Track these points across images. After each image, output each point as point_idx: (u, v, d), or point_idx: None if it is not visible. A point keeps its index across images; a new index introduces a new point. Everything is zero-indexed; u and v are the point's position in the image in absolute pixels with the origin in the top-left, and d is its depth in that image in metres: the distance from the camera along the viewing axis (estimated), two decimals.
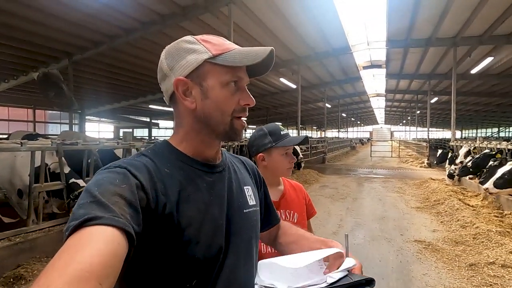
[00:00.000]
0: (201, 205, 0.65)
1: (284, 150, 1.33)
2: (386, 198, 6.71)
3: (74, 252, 0.41)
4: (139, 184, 0.56)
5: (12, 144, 2.98)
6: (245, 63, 0.65)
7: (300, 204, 1.42)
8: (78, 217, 0.46)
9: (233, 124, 0.68)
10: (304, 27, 8.85)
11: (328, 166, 14.12)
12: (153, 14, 7.05)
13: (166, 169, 0.64)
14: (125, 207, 0.51)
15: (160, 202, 0.58)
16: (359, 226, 4.69)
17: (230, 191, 0.73)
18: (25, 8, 6.25)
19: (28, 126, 18.28)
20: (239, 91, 0.69)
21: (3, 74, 11.04)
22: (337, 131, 28.90)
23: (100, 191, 0.51)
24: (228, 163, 0.79)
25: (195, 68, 0.65)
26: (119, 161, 0.62)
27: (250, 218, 0.76)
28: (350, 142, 28.01)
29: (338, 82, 16.81)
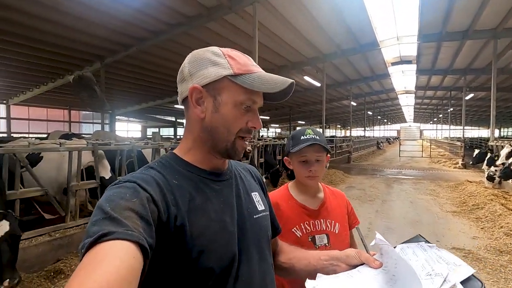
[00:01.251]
0: (212, 214, 0.65)
1: (301, 157, 1.21)
2: (418, 201, 6.37)
3: (91, 270, 0.42)
4: (149, 197, 0.57)
5: (52, 144, 3.15)
6: (263, 90, 0.66)
7: (342, 213, 1.31)
8: (92, 234, 0.46)
9: (235, 143, 0.69)
10: (330, 24, 8.62)
11: (354, 166, 13.73)
12: (179, 16, 7.18)
13: (174, 180, 0.65)
14: (138, 221, 0.51)
15: (171, 214, 0.59)
16: (390, 230, 4.48)
17: (239, 198, 0.74)
18: (63, 15, 6.61)
19: (64, 125, 19.45)
20: (250, 113, 0.70)
21: (43, 78, 11.79)
22: (363, 130, 28.02)
23: (111, 207, 0.51)
24: (234, 170, 0.80)
25: (213, 81, 0.67)
26: (127, 176, 0.63)
27: (260, 223, 0.77)
28: (376, 141, 27.03)
29: (364, 79, 16.25)
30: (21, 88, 13.59)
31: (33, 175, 2.93)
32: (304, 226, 1.21)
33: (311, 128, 1.24)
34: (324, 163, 1.24)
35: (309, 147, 1.17)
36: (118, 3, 6.25)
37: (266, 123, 33.89)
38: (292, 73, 13.54)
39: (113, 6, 6.35)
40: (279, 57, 11.05)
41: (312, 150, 1.18)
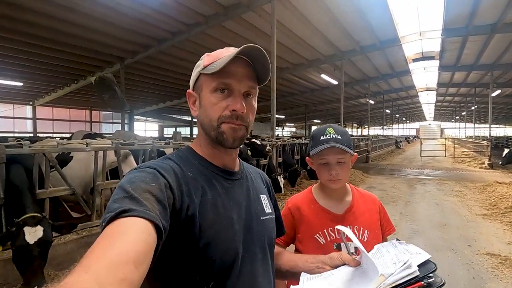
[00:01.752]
0: (221, 210, 0.68)
1: (321, 159, 1.09)
2: (444, 203, 6.10)
3: (112, 239, 0.45)
4: (167, 184, 0.61)
5: (79, 144, 3.22)
6: (218, 67, 0.67)
7: (372, 220, 1.16)
8: (113, 210, 0.50)
9: (220, 128, 0.70)
10: (350, 20, 8.41)
11: (372, 165, 13.39)
12: (197, 16, 7.21)
13: (189, 173, 0.69)
14: (155, 204, 0.54)
15: (184, 203, 0.62)
16: (417, 233, 4.30)
17: (248, 199, 0.77)
18: (86, 17, 6.79)
19: (85, 125, 20.10)
20: (230, 98, 0.70)
21: (66, 79, 12.21)
22: (381, 128, 27.33)
23: (132, 188, 0.55)
24: (246, 172, 0.84)
25: (195, 81, 0.75)
26: (148, 162, 0.67)
27: (267, 225, 0.80)
28: (395, 140, 26.29)
29: (383, 76, 15.81)
30: (46, 90, 14.14)
31: (61, 174, 3.00)
32: (328, 232, 1.10)
33: (333, 126, 1.11)
34: (349, 165, 1.11)
35: (329, 149, 1.06)
36: (138, 4, 6.35)
37: (281, 122, 33.70)
38: (309, 71, 13.38)
39: (133, 7, 6.45)
40: (295, 55, 10.92)
41: (332, 151, 1.06)
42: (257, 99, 0.79)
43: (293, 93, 18.42)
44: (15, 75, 10.96)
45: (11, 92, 13.81)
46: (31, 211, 2.07)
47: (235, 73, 0.69)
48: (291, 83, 15.68)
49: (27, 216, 1.99)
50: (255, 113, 0.77)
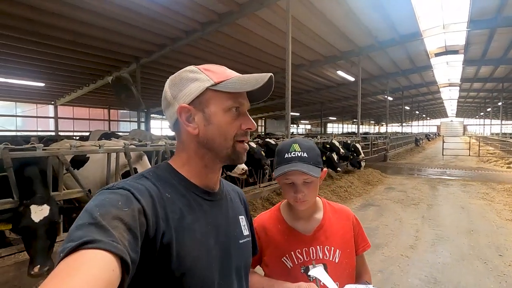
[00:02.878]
0: (198, 235, 0.65)
1: (285, 179, 0.99)
2: (470, 206, 5.76)
3: (67, 276, 0.40)
4: (141, 209, 0.56)
5: (92, 147, 3.22)
6: (245, 89, 0.67)
7: (346, 238, 1.06)
8: (75, 238, 0.45)
9: (235, 147, 0.70)
10: (368, 15, 8.09)
11: (391, 164, 12.95)
12: (211, 14, 7.13)
13: (167, 194, 0.64)
14: (125, 233, 0.50)
15: (159, 230, 0.58)
16: (441, 240, 4.05)
17: (227, 221, 0.75)
18: (103, 18, 6.86)
19: (104, 124, 20.63)
20: (241, 116, 0.71)
21: (85, 79, 12.53)
22: (399, 126, 26.48)
23: (101, 213, 0.50)
24: (225, 191, 0.80)
25: (198, 96, 0.68)
26: (121, 182, 0.62)
27: (244, 249, 0.77)
28: (414, 138, 25.38)
29: (403, 72, 15.23)
30: (66, 90, 14.58)
31: (75, 177, 3.01)
32: (295, 255, 1.01)
33: (298, 141, 1.01)
34: (317, 183, 1.01)
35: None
36: (153, 4, 6.34)
37: (296, 119, 33.34)
38: (325, 67, 13.08)
39: (149, 7, 6.45)
40: (311, 51, 10.66)
41: (297, 172, 0.96)
42: (272, 97, 0.74)
43: (309, 90, 18.11)
44: (37, 76, 11.34)
45: (34, 92, 14.34)
46: (39, 192, 2.06)
47: (244, 94, 0.71)
48: (306, 80, 15.41)
49: (35, 196, 1.98)
50: None
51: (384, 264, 3.34)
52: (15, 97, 15.51)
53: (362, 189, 7.36)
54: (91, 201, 0.55)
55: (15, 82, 11.57)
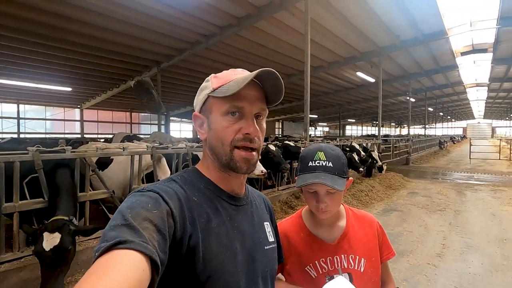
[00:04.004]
0: (225, 239, 0.65)
1: (308, 188, 0.95)
2: (502, 213, 5.43)
3: (101, 274, 0.42)
4: (169, 211, 0.57)
5: (117, 149, 3.32)
6: (232, 91, 0.64)
7: (370, 245, 1.02)
8: (109, 239, 0.47)
9: (233, 155, 0.68)
10: (389, 14, 7.88)
11: (414, 168, 12.49)
12: (230, 18, 7.21)
13: (194, 197, 0.65)
14: (154, 234, 0.51)
15: (186, 232, 0.59)
16: (471, 249, 3.84)
17: (253, 227, 0.74)
18: (126, 25, 7.12)
19: (126, 127, 21.30)
20: (242, 120, 0.68)
21: (109, 84, 13.02)
22: (422, 128, 25.53)
23: (132, 215, 0.52)
24: (251, 197, 0.80)
25: (203, 103, 0.72)
26: (151, 185, 0.64)
27: (270, 255, 0.77)
28: (438, 140, 24.35)
29: (426, 72, 14.69)
30: (91, 94, 15.21)
31: (100, 178, 3.11)
32: (319, 264, 0.97)
33: (324, 149, 0.96)
34: (341, 194, 0.96)
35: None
36: (173, 10, 6.50)
37: (314, 122, 32.96)
38: (344, 69, 12.86)
39: (169, 13, 6.62)
40: (329, 53, 10.52)
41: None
42: (290, 99, 0.70)
43: (327, 92, 17.86)
44: (65, 81, 11.90)
45: (61, 96, 15.04)
46: (59, 214, 2.11)
47: (246, 96, 0.68)
48: (325, 82, 15.21)
49: (51, 220, 2.03)
50: (264, 134, 0.75)
51: (409, 272, 3.20)
52: (45, 101, 16.36)
53: (384, 194, 7.14)
54: (123, 203, 0.57)
55: (45, 87, 12.20)
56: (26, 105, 16.47)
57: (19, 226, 2.61)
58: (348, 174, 0.99)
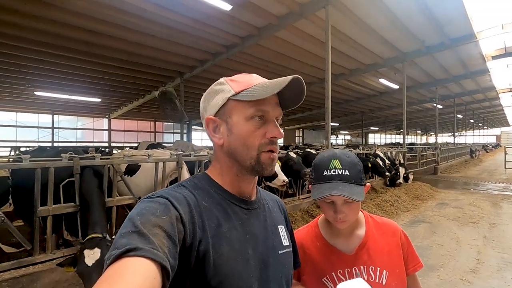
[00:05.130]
0: (236, 244, 0.64)
1: (324, 198, 0.90)
2: None
3: (112, 283, 0.43)
4: (178, 216, 0.57)
5: (142, 156, 3.45)
6: (264, 95, 0.65)
7: (392, 256, 0.95)
8: (120, 246, 0.48)
9: (260, 158, 0.67)
10: (413, 19, 7.68)
11: (442, 178, 11.88)
12: (251, 28, 7.35)
13: (204, 203, 0.65)
14: (164, 240, 0.52)
15: (196, 237, 0.59)
16: (509, 265, 3.55)
17: (265, 230, 0.73)
18: (151, 38, 7.47)
19: (150, 135, 22.06)
20: (266, 124, 0.69)
21: (135, 94, 13.61)
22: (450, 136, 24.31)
23: (142, 221, 0.52)
24: (263, 200, 0.79)
25: (221, 106, 0.70)
26: (161, 190, 0.64)
27: (284, 260, 0.75)
28: (469, 149, 23.05)
29: (454, 78, 14.05)
30: (119, 104, 15.96)
31: (126, 184, 3.24)
32: (337, 276, 0.91)
33: (339, 156, 0.92)
34: (359, 202, 0.91)
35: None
36: (195, 23, 6.74)
37: (335, 130, 32.44)
38: (366, 76, 12.62)
39: (191, 25, 6.86)
40: (351, 60, 10.39)
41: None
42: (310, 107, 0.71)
43: (348, 99, 17.56)
44: (95, 92, 12.60)
45: (91, 107, 15.93)
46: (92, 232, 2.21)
47: (270, 100, 0.69)
48: (346, 90, 14.99)
49: (87, 239, 2.14)
50: None
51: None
52: (76, 111, 17.40)
53: (411, 204, 6.83)
54: (133, 210, 0.58)
55: (77, 99, 13.00)
56: (60, 115, 17.57)
57: (52, 230, 2.76)
58: (365, 181, 0.95)
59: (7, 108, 15.50)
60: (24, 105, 14.98)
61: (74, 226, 2.73)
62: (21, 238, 2.60)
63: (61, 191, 2.75)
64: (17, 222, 3.55)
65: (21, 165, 2.65)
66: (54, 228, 2.82)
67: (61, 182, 2.76)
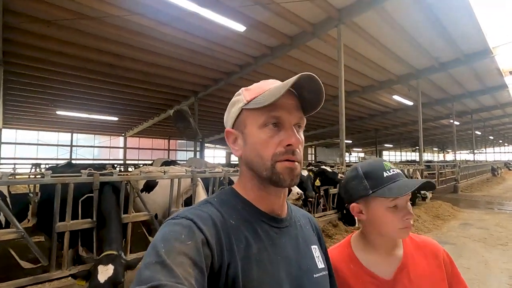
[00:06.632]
0: (268, 267, 0.59)
1: (391, 202, 0.84)
2: None
3: None
4: (204, 240, 0.54)
5: (158, 172, 3.48)
6: (272, 99, 0.60)
7: (435, 279, 0.86)
8: (144, 281, 0.44)
9: (275, 168, 0.61)
10: (426, 36, 7.69)
11: (463, 197, 11.35)
12: (264, 48, 7.54)
13: (232, 221, 0.61)
14: (191, 269, 0.48)
15: (224, 261, 0.55)
16: None
17: (298, 251, 0.67)
18: (167, 59, 7.78)
19: (164, 153, 22.41)
20: (282, 132, 0.63)
21: (150, 113, 14.01)
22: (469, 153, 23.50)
23: (166, 250, 0.49)
24: (294, 218, 0.73)
25: (236, 117, 0.68)
26: (186, 209, 0.61)
27: (321, 284, 0.68)
28: (491, 167, 22.13)
29: (471, 94, 13.79)
30: (134, 123, 16.44)
31: (142, 201, 3.25)
32: None
33: (383, 160, 0.90)
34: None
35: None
36: (210, 43, 6.98)
37: (348, 147, 32.02)
38: (379, 93, 12.56)
39: (206, 46, 7.11)
40: (364, 77, 10.41)
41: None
42: (323, 124, 0.66)
43: (362, 116, 17.43)
44: (112, 111, 13.06)
45: (108, 125, 16.47)
46: (108, 249, 2.20)
47: (284, 105, 0.63)
48: (359, 107, 14.91)
49: (103, 255, 2.12)
50: (303, 145, 0.69)
51: None
52: (94, 130, 17.99)
53: (432, 224, 6.51)
54: (157, 234, 0.54)
55: (95, 117, 13.48)
56: (78, 134, 18.20)
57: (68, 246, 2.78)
58: None
59: (31, 127, 16.24)
60: (46, 124, 15.67)
61: (90, 242, 2.74)
62: (38, 253, 2.62)
63: (80, 206, 2.78)
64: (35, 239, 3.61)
65: (42, 181, 2.72)
66: (71, 243, 2.84)
67: (80, 197, 2.80)
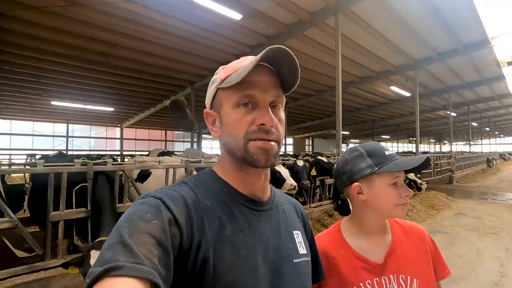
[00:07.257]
0: (242, 249, 0.56)
1: (393, 179, 0.87)
2: None
3: None
4: (172, 219, 0.51)
5: (153, 162, 3.46)
6: (239, 77, 0.57)
7: (422, 262, 0.89)
8: (104, 262, 0.42)
9: (248, 148, 0.60)
10: (425, 25, 7.61)
11: (458, 187, 11.49)
12: (261, 37, 7.43)
13: (206, 201, 0.59)
14: (154, 248, 0.46)
15: (194, 241, 0.52)
16: None
17: (278, 235, 0.64)
18: (164, 48, 7.66)
19: (161, 144, 22.34)
20: (256, 110, 0.61)
21: (147, 104, 13.89)
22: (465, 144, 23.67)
23: (129, 230, 0.46)
24: (277, 202, 0.71)
25: (213, 98, 0.66)
26: (155, 190, 0.57)
27: (300, 270, 0.65)
28: (486, 158, 22.33)
29: (468, 85, 13.79)
30: (131, 113, 16.31)
31: (137, 190, 3.25)
32: (365, 286, 0.85)
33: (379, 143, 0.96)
34: None
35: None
36: (207, 31, 6.86)
37: (345, 138, 32.09)
38: (377, 83, 12.51)
39: (203, 35, 6.99)
40: (361, 67, 10.34)
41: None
42: (320, 115, 0.63)
43: (359, 107, 17.42)
44: (108, 102, 12.93)
45: (105, 116, 16.33)
46: (102, 235, 2.19)
47: (258, 82, 0.60)
48: (356, 97, 14.89)
49: (97, 241, 2.11)
50: (284, 125, 0.66)
51: None
52: (90, 121, 17.83)
53: (426, 214, 6.60)
54: (124, 214, 0.51)
55: (91, 108, 13.34)
56: (74, 124, 18.05)
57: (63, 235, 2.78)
58: None
59: (25, 118, 16.06)
60: (40, 115, 15.50)
61: (85, 231, 2.74)
62: (33, 242, 2.62)
63: (74, 196, 2.77)
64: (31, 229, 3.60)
65: (35, 170, 2.69)
66: (66, 233, 2.84)
67: (74, 186, 2.79)
